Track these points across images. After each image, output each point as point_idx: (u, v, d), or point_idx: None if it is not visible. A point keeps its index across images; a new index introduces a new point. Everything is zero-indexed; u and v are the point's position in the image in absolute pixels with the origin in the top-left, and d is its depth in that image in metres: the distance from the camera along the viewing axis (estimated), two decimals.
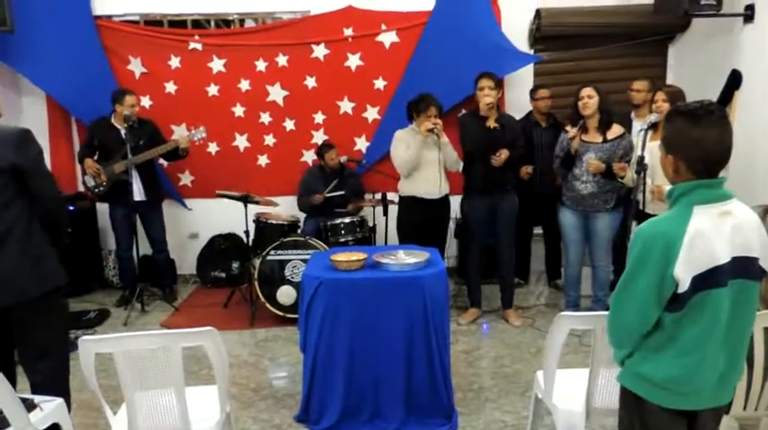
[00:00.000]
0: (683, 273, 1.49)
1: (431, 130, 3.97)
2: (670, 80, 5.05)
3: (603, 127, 3.86)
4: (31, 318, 2.35)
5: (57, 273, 2.42)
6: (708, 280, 1.50)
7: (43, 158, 2.43)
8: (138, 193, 4.57)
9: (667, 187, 3.24)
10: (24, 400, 1.97)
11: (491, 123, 4.02)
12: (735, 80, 4.20)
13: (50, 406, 2.09)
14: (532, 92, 4.80)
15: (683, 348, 1.56)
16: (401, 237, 4.28)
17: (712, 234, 1.51)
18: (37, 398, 2.09)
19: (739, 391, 2.09)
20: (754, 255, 1.56)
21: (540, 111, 4.74)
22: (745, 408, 2.15)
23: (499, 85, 4.06)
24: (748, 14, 4.09)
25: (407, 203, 4.23)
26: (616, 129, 3.88)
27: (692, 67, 4.91)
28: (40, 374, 2.41)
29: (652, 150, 3.51)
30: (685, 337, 1.55)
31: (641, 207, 3.55)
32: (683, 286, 1.50)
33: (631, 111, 4.47)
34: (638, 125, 4.32)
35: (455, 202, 4.48)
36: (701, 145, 1.52)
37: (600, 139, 3.87)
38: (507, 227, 4.17)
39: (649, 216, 1.78)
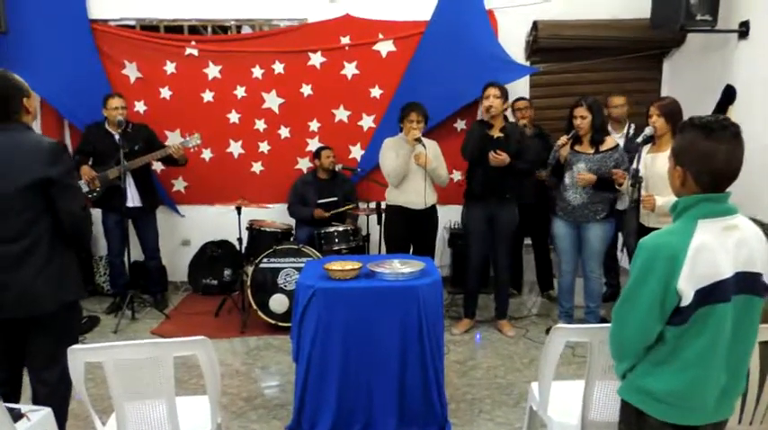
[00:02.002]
0: (687, 287, 1.48)
1: (417, 140, 3.97)
2: (664, 94, 5.08)
3: (596, 143, 3.89)
4: (46, 329, 2.34)
5: (76, 288, 2.41)
6: (711, 294, 1.49)
7: (73, 173, 2.40)
8: (132, 199, 4.55)
9: (658, 198, 3.29)
10: (11, 410, 1.93)
11: (495, 132, 4.02)
12: (728, 95, 4.24)
13: (38, 415, 2.05)
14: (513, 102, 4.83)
15: (685, 362, 1.55)
16: (388, 246, 4.27)
17: (716, 248, 1.51)
18: (24, 408, 2.05)
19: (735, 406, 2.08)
20: (758, 270, 1.56)
21: (518, 121, 4.75)
22: (740, 422, 2.14)
23: (506, 95, 4.04)
24: (743, 31, 4.12)
25: (393, 212, 4.22)
26: (609, 142, 3.92)
27: (686, 82, 4.94)
28: (44, 385, 2.39)
29: (647, 163, 3.54)
30: (688, 352, 1.54)
31: (639, 220, 3.56)
32: (687, 300, 1.49)
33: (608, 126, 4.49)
34: (615, 136, 4.34)
35: (444, 212, 4.46)
36: (710, 158, 1.52)
37: (591, 151, 3.89)
38: (505, 237, 4.15)
39: (650, 230, 1.77)
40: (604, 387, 2.11)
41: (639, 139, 3.57)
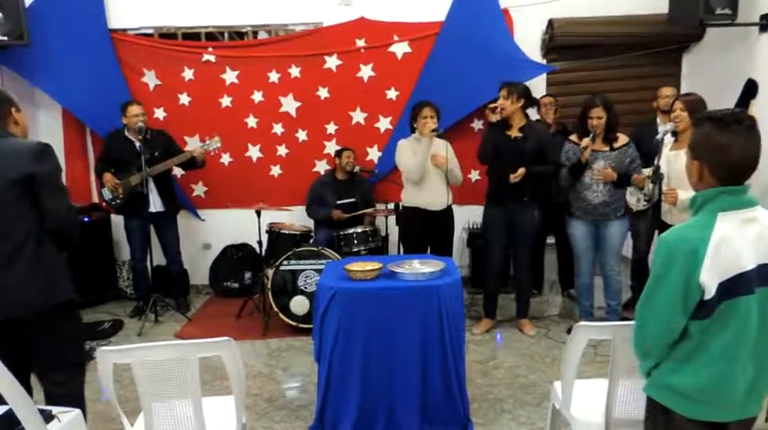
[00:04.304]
0: (709, 280, 1.48)
1: (434, 131, 3.96)
2: (684, 90, 5.02)
3: (610, 140, 3.89)
4: (43, 330, 2.36)
5: (66, 288, 2.41)
6: (734, 287, 1.48)
7: (60, 174, 2.41)
8: (154, 205, 4.61)
9: (681, 192, 3.26)
10: (42, 411, 1.98)
11: (514, 132, 4.01)
12: (750, 89, 4.17)
13: (68, 417, 2.09)
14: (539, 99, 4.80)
15: (711, 357, 1.54)
16: (406, 248, 4.25)
17: (737, 240, 1.50)
18: (55, 410, 2.08)
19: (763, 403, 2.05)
20: None
21: (544, 118, 4.72)
22: (767, 420, 2.11)
23: (519, 93, 3.93)
24: (764, 24, 4.07)
25: (410, 214, 4.21)
26: (622, 139, 3.92)
27: (706, 77, 4.88)
28: (54, 385, 2.41)
29: (669, 159, 3.50)
30: (713, 346, 1.53)
31: (660, 218, 3.52)
32: (710, 293, 1.48)
33: (656, 118, 4.41)
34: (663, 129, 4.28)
35: (462, 212, 4.43)
36: (726, 151, 1.52)
37: (607, 148, 3.90)
38: (524, 240, 4.12)
39: (671, 227, 1.76)
40: (628, 384, 2.09)
41: (659, 135, 3.53)
